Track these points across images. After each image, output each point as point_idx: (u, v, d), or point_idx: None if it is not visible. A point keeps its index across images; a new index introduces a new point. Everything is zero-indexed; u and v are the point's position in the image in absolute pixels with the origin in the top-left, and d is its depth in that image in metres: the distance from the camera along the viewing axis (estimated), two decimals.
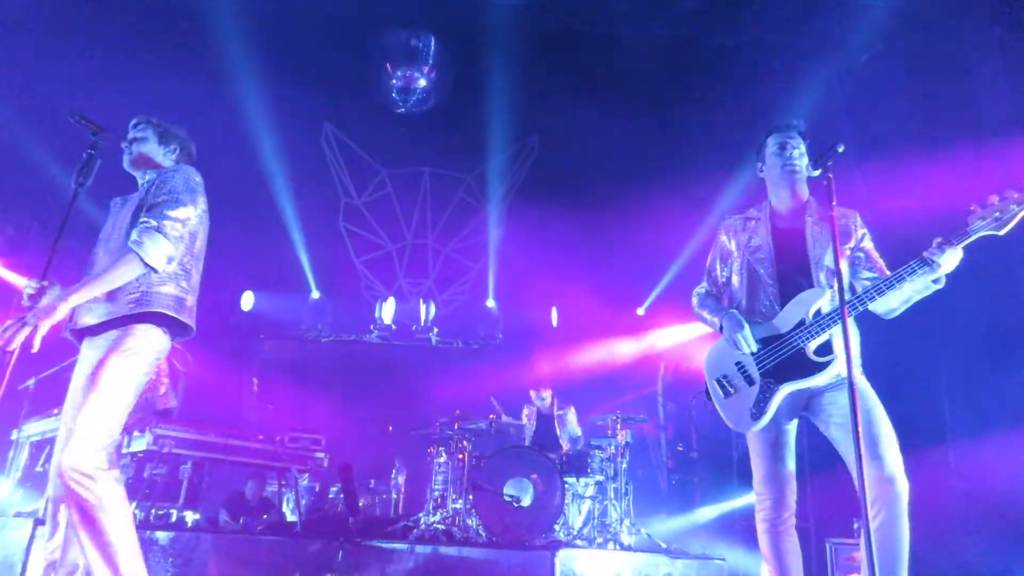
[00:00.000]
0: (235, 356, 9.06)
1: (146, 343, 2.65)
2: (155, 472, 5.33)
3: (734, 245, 3.00)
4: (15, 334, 2.40)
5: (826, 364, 2.62)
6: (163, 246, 2.65)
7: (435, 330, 9.38)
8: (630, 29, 6.93)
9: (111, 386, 2.53)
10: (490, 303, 9.58)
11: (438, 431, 6.26)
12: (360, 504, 6.50)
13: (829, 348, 2.65)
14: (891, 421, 2.55)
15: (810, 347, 2.66)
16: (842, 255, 2.72)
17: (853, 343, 2.67)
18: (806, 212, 2.87)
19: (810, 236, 2.80)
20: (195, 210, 2.82)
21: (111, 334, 2.62)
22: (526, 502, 5.21)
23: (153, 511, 5.25)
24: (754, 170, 3.07)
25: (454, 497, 5.79)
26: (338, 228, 9.51)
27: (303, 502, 5.99)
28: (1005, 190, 2.45)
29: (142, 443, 4.75)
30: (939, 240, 2.50)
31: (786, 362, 2.68)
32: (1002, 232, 2.45)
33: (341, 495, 6.45)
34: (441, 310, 9.63)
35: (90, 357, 2.63)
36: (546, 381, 7.20)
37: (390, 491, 7.15)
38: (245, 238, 8.45)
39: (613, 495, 5.73)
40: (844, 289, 2.42)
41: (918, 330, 5.29)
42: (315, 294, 9.46)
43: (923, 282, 2.53)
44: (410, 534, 5.17)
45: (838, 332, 2.61)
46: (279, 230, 8.76)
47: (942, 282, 2.55)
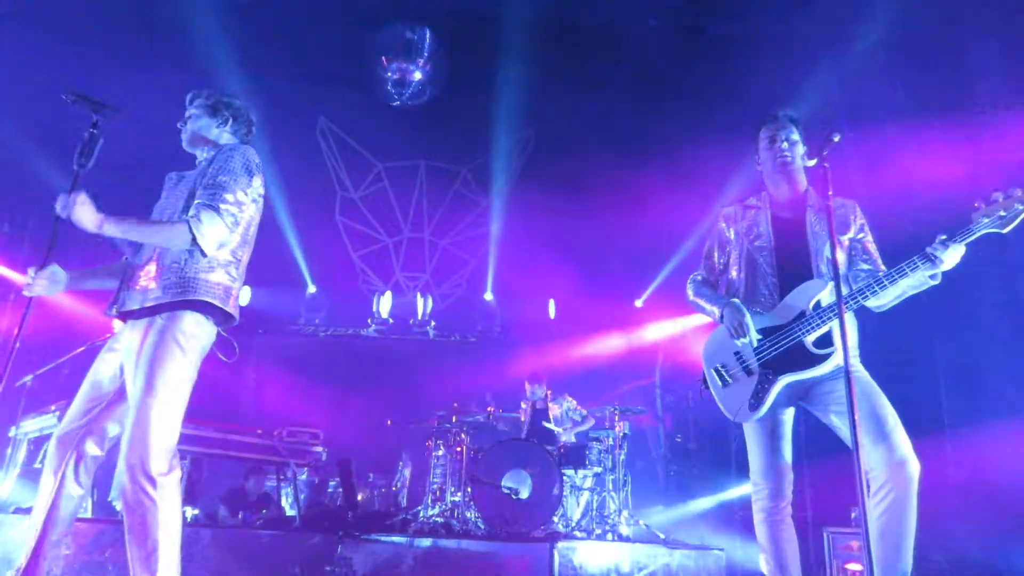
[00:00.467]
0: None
1: (194, 333, 2.53)
2: None
3: (732, 233, 2.99)
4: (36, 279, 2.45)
5: (826, 356, 2.62)
6: (219, 229, 2.51)
7: (432, 323, 9.38)
8: (625, 20, 6.90)
9: (165, 384, 2.41)
10: (488, 296, 9.57)
11: (436, 424, 6.27)
12: (359, 498, 6.52)
13: (829, 340, 2.64)
14: (894, 411, 2.54)
15: (809, 339, 2.65)
16: (840, 246, 2.72)
17: (851, 334, 2.67)
18: (807, 202, 2.87)
19: (810, 226, 2.80)
20: (251, 195, 2.68)
21: (157, 323, 2.47)
22: (524, 494, 5.22)
23: None
24: (752, 161, 3.06)
25: (452, 490, 5.80)
26: (335, 222, 9.49)
27: (302, 496, 5.99)
28: (1009, 188, 2.45)
29: None
30: (943, 237, 2.49)
31: (785, 353, 2.68)
32: (1005, 230, 2.45)
33: (340, 489, 6.46)
34: (438, 304, 9.62)
35: (132, 346, 2.49)
36: (541, 374, 7.20)
37: (392, 484, 7.17)
38: None
39: (611, 486, 5.75)
40: (840, 281, 2.41)
41: (915, 321, 5.30)
42: (311, 288, 9.44)
43: (920, 278, 2.53)
44: (409, 527, 5.18)
45: (838, 324, 2.61)
46: (276, 224, 8.74)
47: (938, 278, 2.55)
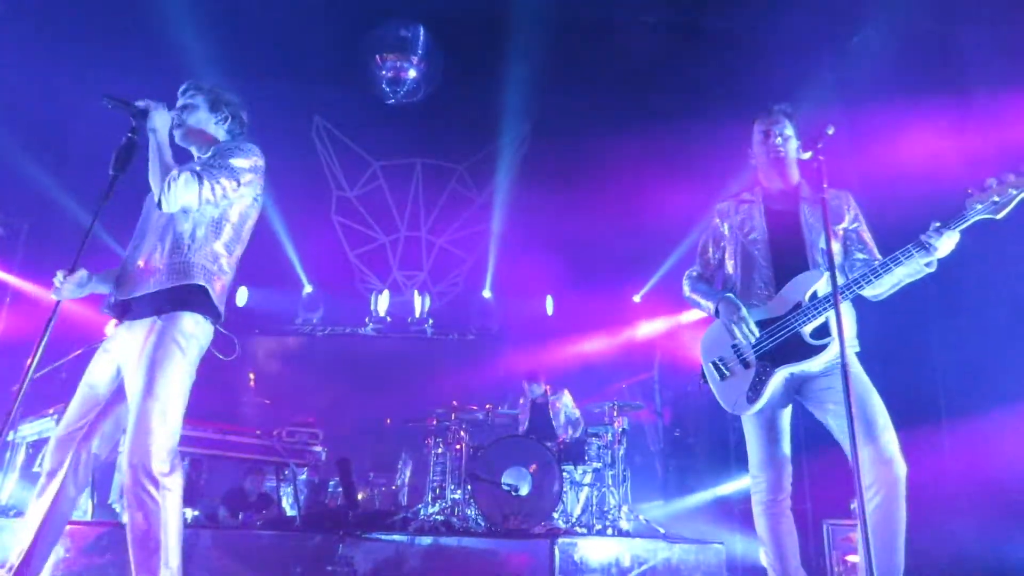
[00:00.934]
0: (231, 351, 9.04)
1: (193, 333, 2.56)
2: None
3: (727, 228, 3.00)
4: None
5: (823, 347, 2.62)
6: (190, 196, 2.49)
7: (430, 321, 9.37)
8: (620, 15, 6.90)
9: (166, 385, 2.44)
10: (486, 293, 9.57)
11: (435, 423, 6.27)
12: (359, 497, 6.52)
13: (826, 330, 2.64)
14: (885, 402, 2.55)
15: (807, 330, 2.66)
16: (834, 236, 2.72)
17: (849, 325, 2.68)
18: (799, 194, 2.88)
19: (804, 218, 2.81)
20: (248, 192, 2.72)
21: (156, 325, 2.50)
22: (524, 491, 5.23)
23: None
24: (747, 154, 3.06)
25: (452, 488, 5.81)
26: (331, 221, 9.48)
27: (302, 496, 5.99)
28: (1002, 173, 2.43)
29: None
30: (937, 224, 2.48)
31: (782, 345, 2.68)
32: (999, 216, 2.44)
33: (340, 489, 6.46)
34: (436, 302, 9.62)
35: (131, 347, 2.52)
36: (540, 371, 7.21)
37: (393, 483, 7.17)
38: None
39: (611, 482, 5.75)
40: (836, 271, 2.41)
41: (911, 311, 5.31)
42: (307, 288, 9.43)
43: (915, 266, 2.52)
44: (410, 526, 5.18)
45: (834, 314, 2.61)
46: (272, 224, 8.72)
47: (934, 266, 2.54)
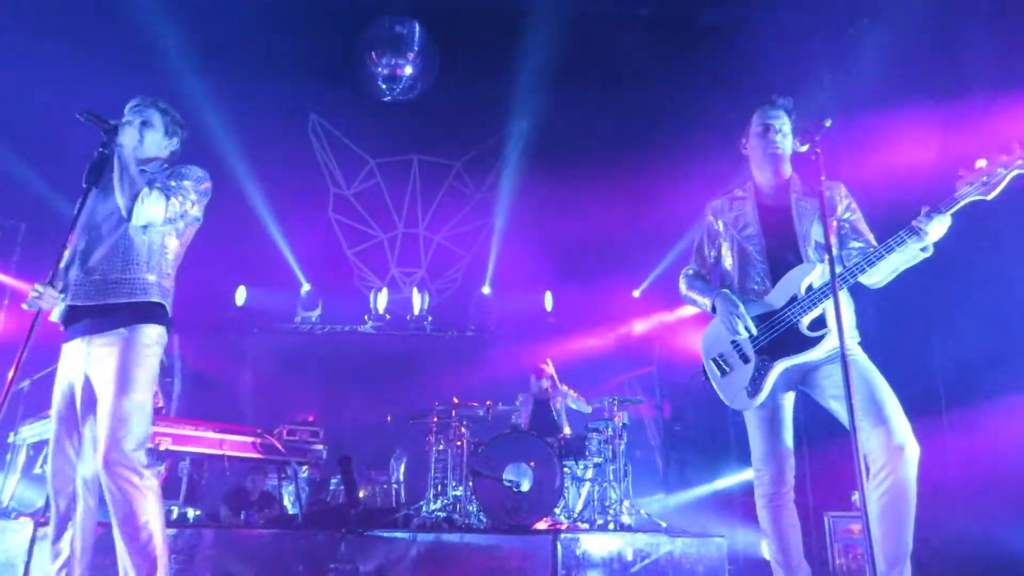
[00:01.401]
0: (231, 350, 9.05)
1: (156, 341, 2.71)
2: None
3: (721, 225, 3.00)
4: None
5: (820, 338, 2.63)
6: (157, 212, 2.65)
7: (429, 318, 9.37)
8: (616, 10, 6.89)
9: (137, 386, 2.59)
10: (485, 290, 9.56)
11: (436, 419, 6.28)
12: (361, 495, 6.52)
13: (823, 322, 2.65)
14: (893, 394, 2.53)
15: (803, 322, 2.66)
16: (830, 228, 2.71)
17: (847, 315, 2.67)
18: (790, 188, 2.88)
19: (796, 211, 2.80)
20: (196, 212, 2.87)
21: (122, 334, 2.63)
22: (526, 487, 5.23)
23: None
24: (740, 144, 3.02)
25: (454, 484, 5.82)
26: (328, 219, 9.47)
27: (303, 495, 5.99)
28: (992, 153, 2.43)
29: None
30: (927, 208, 2.48)
31: (780, 338, 2.69)
32: (990, 197, 2.43)
33: (341, 487, 6.47)
34: (435, 298, 9.61)
35: (99, 357, 2.63)
36: (540, 368, 7.21)
37: (390, 481, 7.17)
38: (236, 233, 8.40)
39: (612, 477, 5.76)
40: (834, 262, 2.41)
41: (911, 302, 5.31)
42: (306, 287, 9.43)
43: (911, 251, 2.52)
44: (412, 522, 5.19)
45: (831, 305, 2.61)
46: (270, 223, 8.72)
47: (930, 250, 2.54)
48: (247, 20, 6.74)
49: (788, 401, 2.78)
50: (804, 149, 2.69)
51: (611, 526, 5.37)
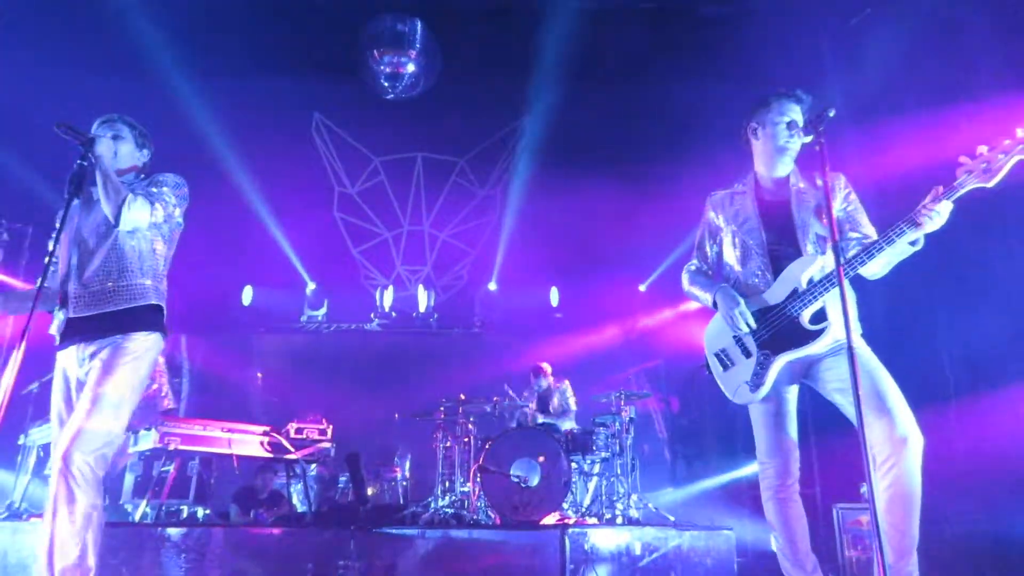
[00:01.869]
0: (238, 350, 9.10)
1: (146, 347, 2.78)
2: (164, 469, 5.36)
3: (722, 220, 2.98)
4: None
5: (820, 332, 2.61)
6: (142, 216, 2.75)
7: (435, 316, 9.39)
8: (617, 2, 6.86)
9: (122, 395, 2.67)
10: (492, 286, 9.57)
11: (443, 416, 6.29)
12: (369, 492, 6.55)
13: (823, 315, 2.64)
14: (896, 385, 2.52)
15: (804, 315, 2.64)
16: (832, 220, 2.68)
17: (849, 307, 2.65)
18: (790, 181, 2.86)
19: (795, 204, 2.79)
20: (178, 214, 2.96)
21: (119, 340, 2.71)
22: (533, 482, 5.24)
23: (163, 508, 5.29)
24: (746, 129, 2.93)
25: (462, 480, 5.83)
26: (333, 218, 9.49)
27: (312, 492, 6.02)
28: (996, 139, 2.39)
29: (148, 441, 4.78)
30: (928, 198, 2.44)
31: (781, 332, 2.68)
32: (991, 184, 2.39)
33: (350, 484, 6.49)
34: (440, 295, 9.63)
35: (91, 363, 2.70)
36: (542, 367, 7.22)
37: (397, 479, 7.20)
38: (242, 233, 8.44)
39: (619, 471, 5.76)
40: (839, 254, 2.39)
41: (919, 292, 5.29)
42: (311, 285, 9.46)
43: (902, 243, 2.49)
44: (420, 519, 5.20)
45: (831, 298, 2.60)
46: (275, 223, 8.75)
47: (920, 243, 2.52)
48: (248, 20, 6.75)
49: (792, 394, 2.78)
50: (808, 140, 2.67)
51: (619, 520, 5.37)
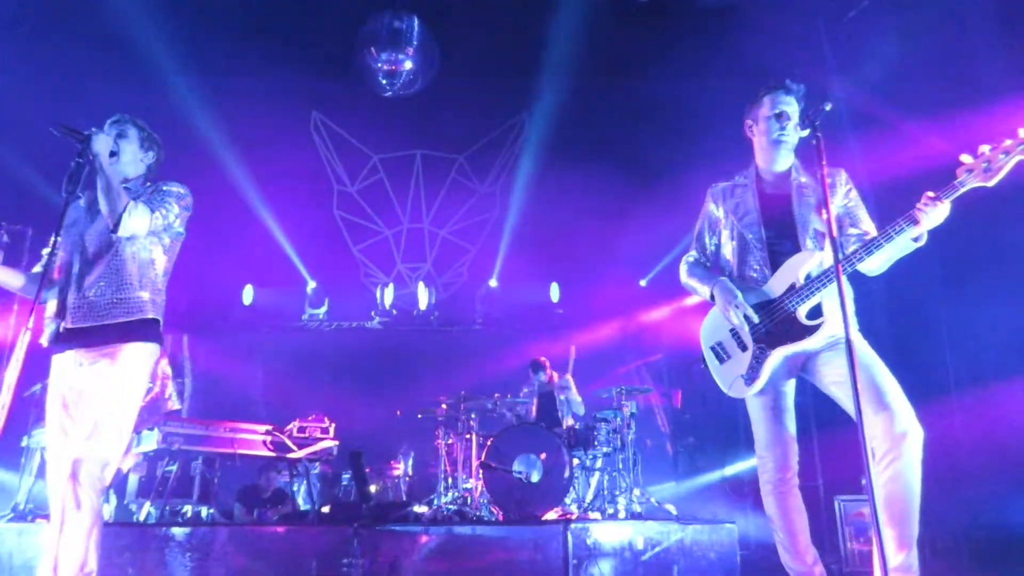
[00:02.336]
0: (240, 350, 9.11)
1: (144, 357, 2.81)
2: (167, 469, 5.37)
3: (722, 212, 2.97)
4: None
5: (817, 327, 2.61)
6: (142, 224, 2.74)
7: (436, 313, 9.39)
8: None
9: (125, 404, 2.72)
10: (492, 283, 9.57)
11: (445, 413, 6.30)
12: (372, 490, 6.56)
13: (820, 310, 2.63)
14: (895, 375, 2.52)
15: (801, 310, 2.64)
16: (831, 215, 2.68)
17: (847, 303, 2.65)
18: (791, 175, 2.85)
19: (796, 199, 2.78)
20: (179, 226, 2.96)
21: (118, 350, 2.73)
22: (535, 478, 5.25)
23: (167, 508, 5.30)
24: (745, 125, 2.94)
25: (464, 477, 5.85)
26: (333, 216, 9.49)
27: (315, 490, 6.04)
28: (998, 139, 2.39)
29: (151, 441, 4.79)
30: (927, 196, 2.44)
31: (778, 326, 2.68)
32: (991, 183, 2.39)
33: (353, 482, 6.50)
34: (441, 293, 9.63)
35: (88, 372, 2.71)
36: (542, 362, 7.23)
37: (399, 476, 7.21)
38: (241, 233, 8.44)
39: (621, 466, 5.77)
40: (837, 249, 2.38)
41: (919, 285, 5.29)
42: (312, 284, 9.47)
43: (904, 239, 2.49)
44: (423, 516, 5.22)
45: (828, 294, 2.60)
46: (274, 222, 8.75)
47: (923, 240, 2.51)
48: (245, 19, 6.75)
49: (789, 388, 2.78)
50: (805, 134, 2.66)
51: (621, 515, 5.38)
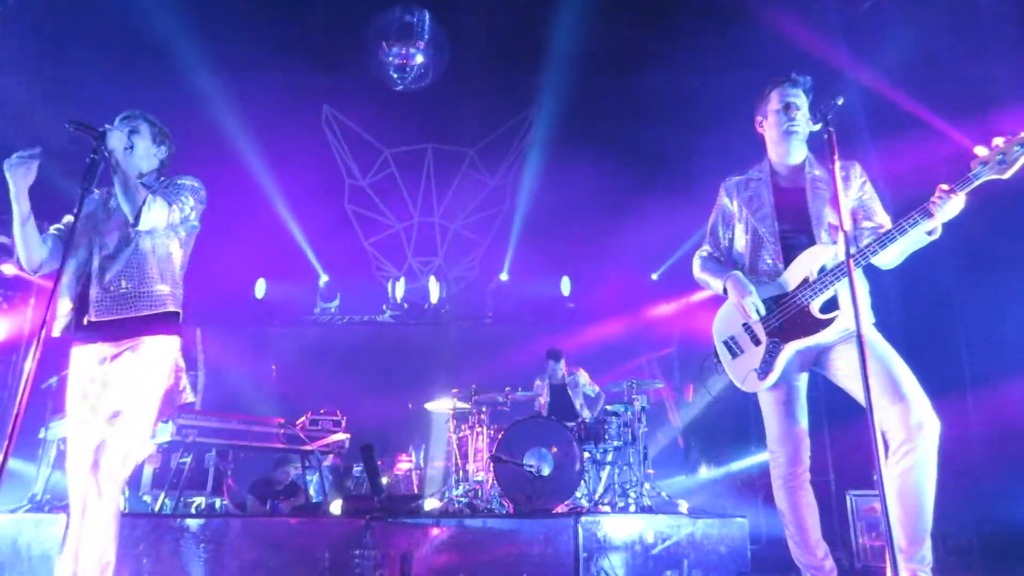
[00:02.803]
0: (253, 343, 9.18)
1: (166, 350, 2.84)
2: (182, 461, 5.43)
3: (736, 206, 2.96)
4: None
5: (830, 320, 2.60)
6: (160, 217, 2.77)
7: (447, 306, 9.42)
8: None
9: (147, 397, 2.74)
10: (503, 276, 9.58)
11: (456, 406, 6.32)
12: (384, 482, 6.60)
13: (834, 304, 2.62)
14: (910, 371, 2.50)
15: (815, 304, 2.63)
16: (844, 209, 2.67)
17: (862, 296, 2.63)
18: (805, 168, 2.84)
19: (810, 192, 2.77)
20: (194, 219, 2.98)
21: (140, 344, 2.76)
22: (546, 471, 5.26)
23: (181, 499, 5.36)
24: (756, 120, 2.94)
25: (475, 470, 5.87)
26: (344, 210, 9.53)
27: (327, 483, 6.08)
28: (1015, 132, 2.37)
29: (166, 433, 4.84)
30: (941, 188, 2.42)
31: (791, 320, 2.67)
32: (1006, 176, 2.37)
33: (365, 475, 6.54)
34: (452, 286, 9.65)
35: (110, 366, 2.75)
36: (560, 351, 7.22)
37: (411, 469, 7.26)
38: (254, 227, 8.49)
39: (632, 459, 5.77)
40: (849, 243, 2.36)
41: (935, 279, 5.25)
42: (324, 278, 9.51)
43: (918, 232, 2.47)
44: (434, 509, 5.25)
45: (842, 287, 2.58)
46: (287, 216, 8.79)
47: (937, 233, 2.50)
48: (256, 14, 6.77)
49: (802, 382, 2.76)
50: (816, 128, 2.65)
51: (632, 508, 5.38)
